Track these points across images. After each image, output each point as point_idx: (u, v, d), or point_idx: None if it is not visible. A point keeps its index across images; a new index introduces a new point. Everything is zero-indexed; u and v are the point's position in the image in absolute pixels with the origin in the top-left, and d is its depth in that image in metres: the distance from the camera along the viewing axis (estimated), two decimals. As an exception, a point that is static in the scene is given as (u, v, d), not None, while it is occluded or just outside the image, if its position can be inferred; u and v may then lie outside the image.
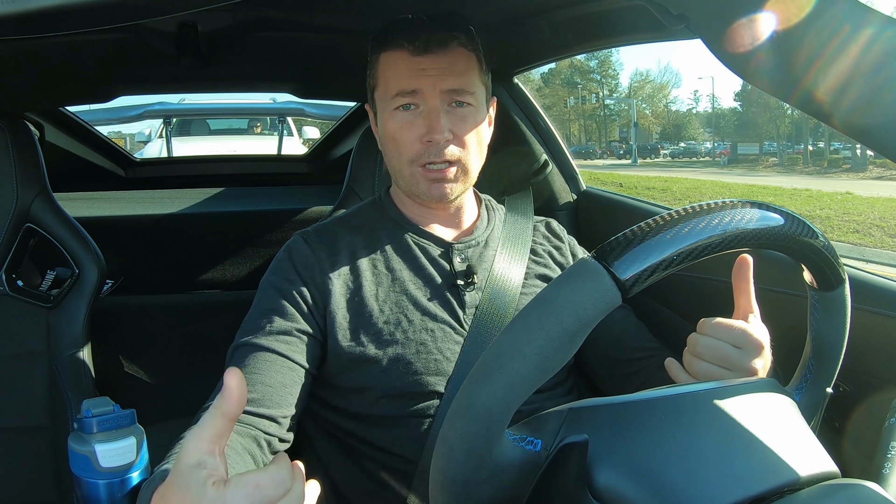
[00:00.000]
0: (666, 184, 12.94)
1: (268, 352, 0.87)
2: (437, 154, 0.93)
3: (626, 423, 0.49)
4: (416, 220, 1.01)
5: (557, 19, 1.21)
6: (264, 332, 0.88)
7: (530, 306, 0.46)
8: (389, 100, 0.94)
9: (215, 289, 1.77)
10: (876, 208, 9.18)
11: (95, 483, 0.77)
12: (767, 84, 0.62)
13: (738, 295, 0.73)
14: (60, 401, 1.16)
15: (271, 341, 0.88)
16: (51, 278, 1.26)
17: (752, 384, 0.57)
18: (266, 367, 0.85)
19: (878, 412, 0.64)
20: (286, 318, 0.90)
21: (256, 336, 0.88)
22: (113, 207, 1.77)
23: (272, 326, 0.89)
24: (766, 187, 14.34)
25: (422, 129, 0.92)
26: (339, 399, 0.93)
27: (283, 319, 0.90)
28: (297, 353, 0.88)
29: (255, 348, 0.87)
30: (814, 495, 0.49)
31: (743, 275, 0.72)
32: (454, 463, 0.46)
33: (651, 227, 0.46)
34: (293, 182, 2.34)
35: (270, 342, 0.87)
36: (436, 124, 0.91)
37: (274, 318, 0.89)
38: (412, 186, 0.97)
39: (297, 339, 0.89)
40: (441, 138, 0.91)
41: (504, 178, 1.40)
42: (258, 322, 0.90)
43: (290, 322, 0.90)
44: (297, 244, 0.98)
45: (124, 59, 1.33)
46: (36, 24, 0.51)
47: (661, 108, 48.73)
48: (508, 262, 1.00)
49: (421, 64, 0.92)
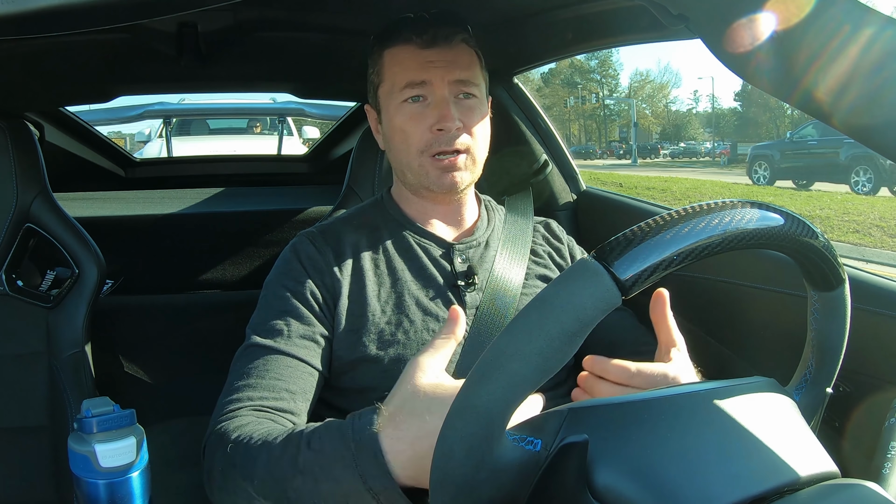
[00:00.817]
0: (666, 184, 12.92)
1: (288, 357, 0.86)
2: (447, 143, 0.94)
3: (627, 423, 0.49)
4: (418, 219, 1.01)
5: (557, 19, 1.21)
6: (283, 335, 0.88)
7: (530, 306, 0.46)
8: (397, 93, 0.95)
9: (215, 289, 1.77)
10: (876, 208, 9.17)
11: (95, 483, 0.77)
12: (767, 84, 0.62)
13: (658, 331, 0.74)
14: (60, 401, 1.16)
15: (291, 346, 0.87)
16: (51, 278, 1.26)
17: (752, 384, 0.56)
18: (289, 374, 0.85)
19: (878, 412, 0.64)
20: (303, 321, 0.89)
21: (276, 339, 0.87)
22: (113, 207, 1.77)
23: (290, 330, 0.88)
24: (765, 188, 14.33)
25: (431, 119, 0.93)
26: (341, 400, 0.92)
27: (300, 323, 0.89)
28: (315, 357, 0.88)
29: (275, 352, 0.86)
30: (814, 495, 0.49)
31: (659, 310, 0.72)
32: (454, 463, 0.46)
33: (651, 227, 0.46)
34: (293, 182, 2.33)
35: (291, 347, 0.87)
36: (447, 112, 0.92)
37: (290, 320, 0.89)
38: (421, 178, 0.96)
39: (314, 344, 0.89)
40: (452, 126, 0.93)
41: (504, 179, 1.40)
42: (274, 323, 0.89)
43: (307, 326, 0.89)
44: (303, 245, 0.97)
45: (124, 59, 1.33)
46: (36, 24, 0.51)
47: (661, 108, 48.75)
48: (509, 263, 1.00)
49: (428, 57, 0.94)
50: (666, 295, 0.71)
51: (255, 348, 0.87)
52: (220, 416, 0.81)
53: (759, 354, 1.03)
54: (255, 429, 0.75)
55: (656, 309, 0.72)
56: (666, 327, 0.73)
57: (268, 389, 0.83)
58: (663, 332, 0.73)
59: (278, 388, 0.83)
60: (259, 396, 0.82)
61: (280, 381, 0.84)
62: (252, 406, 0.81)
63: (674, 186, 12.26)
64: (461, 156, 0.95)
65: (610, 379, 0.70)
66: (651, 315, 0.73)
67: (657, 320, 0.73)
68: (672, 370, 0.71)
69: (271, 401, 0.82)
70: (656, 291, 0.71)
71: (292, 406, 0.83)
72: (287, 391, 0.84)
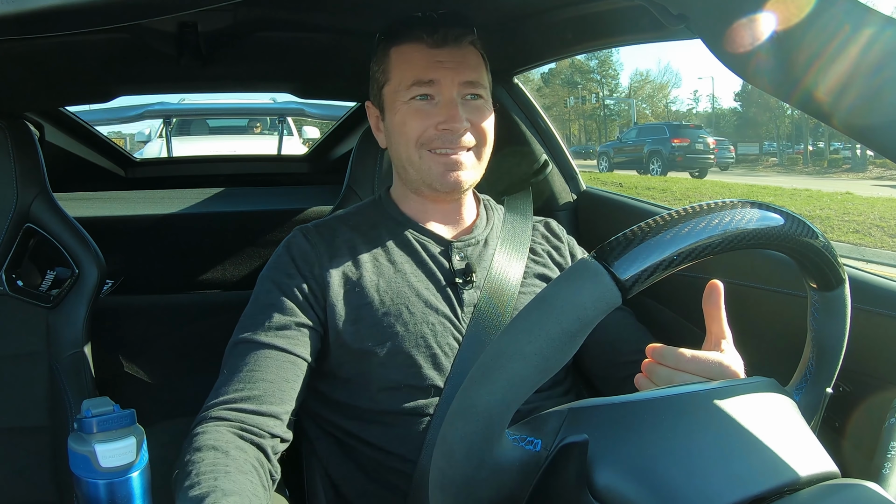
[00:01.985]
0: (666, 184, 12.94)
1: (267, 348, 0.87)
2: (452, 141, 0.94)
3: (627, 423, 0.49)
4: (417, 218, 1.02)
5: (557, 19, 1.21)
6: (263, 328, 0.89)
7: (530, 306, 0.46)
8: (404, 90, 0.95)
9: (215, 289, 1.77)
10: (876, 208, 9.16)
11: (95, 483, 0.77)
12: (767, 84, 0.62)
13: (709, 322, 0.74)
14: (60, 401, 1.16)
15: (270, 337, 0.88)
16: (51, 278, 1.26)
17: (752, 384, 0.57)
18: (266, 364, 0.86)
19: (878, 412, 0.64)
20: (284, 312, 0.90)
21: (255, 333, 0.89)
22: (113, 207, 1.77)
23: (270, 322, 0.89)
24: (765, 187, 14.33)
25: (438, 118, 0.94)
26: (340, 392, 0.93)
27: (282, 314, 0.90)
28: (297, 346, 0.89)
29: (255, 345, 0.88)
30: (814, 495, 0.49)
31: (714, 301, 0.73)
32: (454, 463, 0.46)
33: (651, 227, 0.46)
34: (293, 182, 2.33)
35: (270, 338, 0.88)
36: (454, 113, 0.93)
37: (272, 313, 0.90)
38: (423, 174, 0.96)
39: (296, 333, 0.89)
40: (460, 126, 0.93)
41: (504, 178, 1.40)
42: (256, 318, 0.90)
43: (289, 316, 0.90)
44: (296, 239, 0.98)
45: (124, 59, 1.33)
46: (36, 24, 0.51)
47: (661, 108, 48.69)
48: (507, 262, 1.00)
49: (438, 56, 0.94)
50: (721, 287, 0.72)
51: (237, 344, 0.89)
52: (197, 421, 0.83)
53: (759, 354, 1.03)
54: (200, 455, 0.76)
55: (710, 300, 0.73)
56: (718, 318, 0.74)
57: (243, 381, 0.85)
58: (715, 323, 0.74)
59: (255, 379, 0.85)
60: (234, 390, 0.84)
61: (256, 371, 0.85)
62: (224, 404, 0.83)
63: (673, 186, 12.27)
64: (467, 153, 0.95)
65: (666, 364, 0.71)
66: (704, 306, 0.74)
67: (710, 311, 0.74)
68: (726, 359, 0.72)
69: (246, 391, 0.84)
70: (710, 283, 0.71)
71: (269, 396, 0.84)
72: (264, 381, 0.85)
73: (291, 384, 0.87)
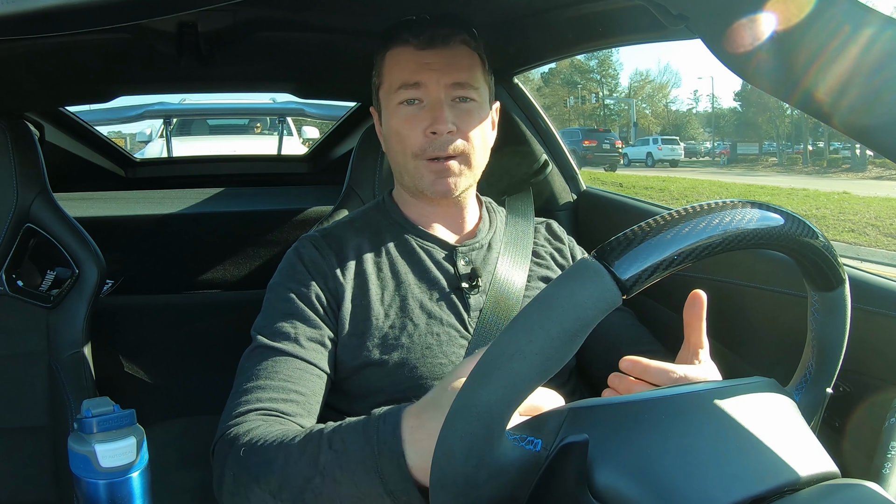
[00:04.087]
0: (664, 183, 12.95)
1: (297, 359, 0.86)
2: (440, 147, 0.93)
3: (627, 423, 0.49)
4: (420, 222, 1.01)
5: (557, 19, 1.21)
6: (291, 338, 0.87)
7: (531, 306, 0.46)
8: (393, 94, 0.95)
9: (215, 289, 1.77)
10: (872, 208, 9.18)
11: (95, 483, 0.77)
12: (767, 84, 0.62)
13: (688, 332, 0.73)
14: (60, 401, 1.16)
15: (299, 349, 0.87)
16: (51, 278, 1.26)
17: (752, 384, 0.56)
18: (298, 376, 0.85)
19: (878, 412, 0.64)
20: (309, 324, 0.89)
21: (283, 341, 0.87)
22: (113, 207, 1.77)
23: (297, 332, 0.88)
24: (763, 187, 14.36)
25: (426, 122, 0.93)
26: (345, 404, 0.92)
27: (307, 325, 0.89)
28: (322, 360, 0.88)
29: (283, 354, 0.86)
30: (814, 495, 0.49)
31: (696, 312, 0.71)
32: (454, 463, 0.46)
33: (651, 226, 0.46)
34: (293, 182, 2.33)
35: (299, 350, 0.86)
36: (439, 115, 0.92)
37: (297, 323, 0.89)
38: (417, 181, 0.96)
39: (321, 347, 0.89)
40: (444, 129, 0.92)
41: (504, 179, 1.40)
42: (280, 326, 0.88)
43: (314, 329, 0.89)
44: (306, 248, 0.97)
45: (124, 59, 1.33)
46: (36, 24, 0.51)
47: (661, 107, 48.68)
48: (511, 265, 1.00)
49: (425, 58, 0.93)
50: (703, 298, 0.70)
51: (264, 350, 0.87)
52: (229, 419, 0.80)
53: (759, 354, 1.03)
54: (269, 431, 0.74)
55: (692, 311, 0.71)
56: (698, 329, 0.72)
57: (277, 391, 0.82)
58: (694, 333, 0.72)
59: (288, 390, 0.83)
60: (269, 398, 0.81)
61: (289, 383, 0.84)
62: (262, 409, 0.80)
63: (672, 186, 12.28)
64: (453, 161, 0.94)
65: (650, 381, 0.68)
66: (685, 315, 0.72)
67: (690, 321, 0.72)
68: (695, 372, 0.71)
69: (281, 403, 0.81)
70: (693, 292, 0.70)
71: (302, 409, 0.83)
72: (297, 393, 0.83)
73: (318, 398, 0.86)
